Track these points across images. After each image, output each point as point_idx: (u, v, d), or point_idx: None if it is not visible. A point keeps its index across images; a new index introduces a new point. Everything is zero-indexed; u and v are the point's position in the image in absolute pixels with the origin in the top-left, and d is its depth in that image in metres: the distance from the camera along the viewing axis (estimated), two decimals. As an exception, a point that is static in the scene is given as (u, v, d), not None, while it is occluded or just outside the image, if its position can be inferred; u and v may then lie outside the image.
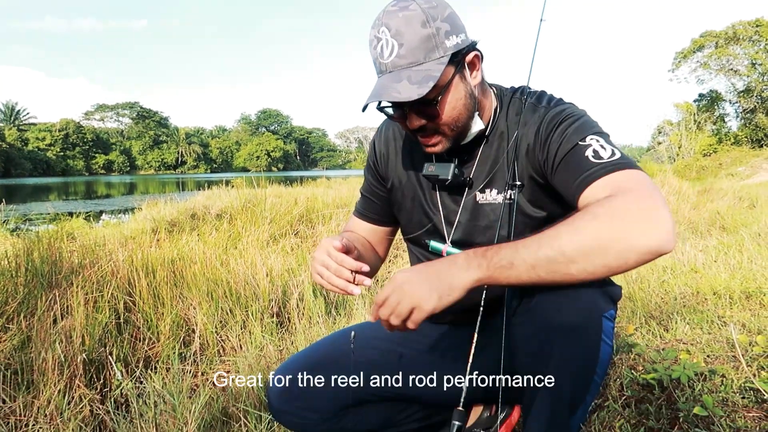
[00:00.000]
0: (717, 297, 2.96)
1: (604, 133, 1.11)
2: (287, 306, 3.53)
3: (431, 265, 0.99)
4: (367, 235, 1.46)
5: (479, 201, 1.24)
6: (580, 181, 1.03)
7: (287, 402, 1.31)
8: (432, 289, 0.95)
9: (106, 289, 3.10)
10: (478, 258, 0.95)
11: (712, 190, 11.02)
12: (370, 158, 1.44)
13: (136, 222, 7.80)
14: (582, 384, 1.03)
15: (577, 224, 0.92)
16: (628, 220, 0.89)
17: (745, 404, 1.47)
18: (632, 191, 0.94)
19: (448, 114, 1.12)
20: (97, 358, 2.70)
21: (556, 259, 0.90)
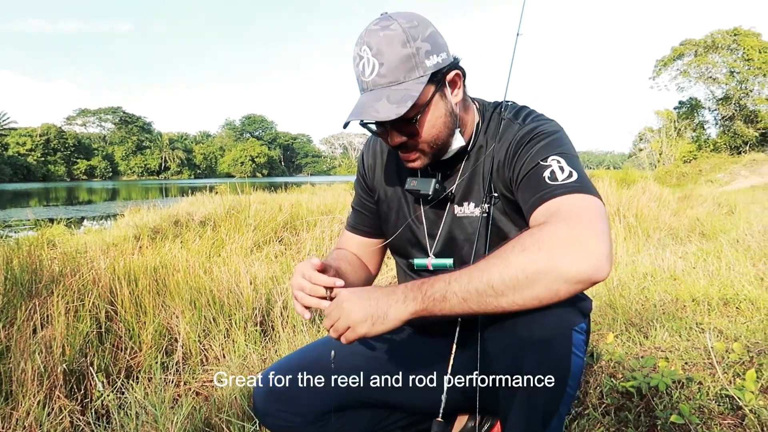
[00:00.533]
0: (696, 304, 3.01)
1: (570, 154, 1.12)
2: (271, 314, 3.51)
3: (374, 291, 1.04)
4: (359, 249, 1.47)
5: (457, 214, 1.26)
6: (531, 202, 1.07)
7: (272, 404, 1.32)
8: (367, 314, 1.00)
9: (88, 297, 3.07)
10: (414, 291, 1.00)
11: (691, 197, 11.18)
12: (359, 171, 1.46)
13: (118, 229, 7.73)
14: (554, 396, 1.05)
15: (505, 257, 0.94)
16: (556, 251, 0.90)
17: (720, 411, 1.50)
18: (569, 218, 0.95)
19: (427, 132, 1.14)
20: (78, 368, 2.67)
21: (485, 292, 0.93)
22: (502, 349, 1.04)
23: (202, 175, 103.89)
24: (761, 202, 10.17)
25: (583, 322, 1.08)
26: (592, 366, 2.00)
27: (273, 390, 1.31)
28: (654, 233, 6.80)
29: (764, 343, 2.07)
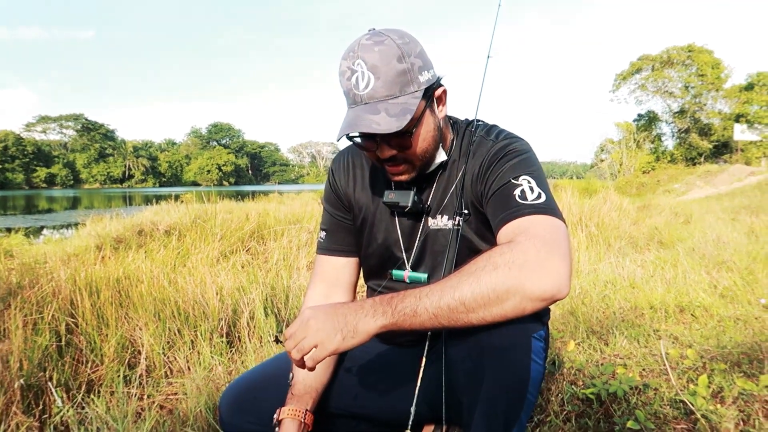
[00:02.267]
0: (653, 311, 3.11)
1: (539, 175, 1.17)
2: (237, 325, 3.48)
3: (340, 307, 1.03)
4: (338, 274, 1.43)
5: (431, 226, 1.29)
6: (501, 217, 1.11)
7: (237, 416, 1.31)
8: (337, 329, 0.99)
9: (47, 310, 2.99)
10: (384, 305, 1.01)
11: (650, 206, 11.51)
12: (331, 188, 1.43)
13: (79, 239, 7.54)
14: (515, 403, 1.08)
15: (478, 275, 0.97)
16: (524, 271, 0.95)
17: (675, 416, 1.55)
18: (536, 239, 1.01)
19: (419, 146, 1.17)
20: (36, 382, 2.60)
21: (456, 308, 0.96)
22: (465, 356, 1.07)
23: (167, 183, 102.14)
24: (715, 212, 10.56)
25: (542, 329, 1.12)
26: (554, 374, 2.05)
27: (238, 402, 1.32)
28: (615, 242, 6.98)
29: (716, 349, 2.16)
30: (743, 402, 1.53)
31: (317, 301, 1.39)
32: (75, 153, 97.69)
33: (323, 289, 1.42)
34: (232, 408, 1.32)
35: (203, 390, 2.35)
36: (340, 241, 1.43)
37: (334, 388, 1.37)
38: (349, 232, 1.42)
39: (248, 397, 1.32)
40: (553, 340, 2.62)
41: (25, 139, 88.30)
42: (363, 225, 1.39)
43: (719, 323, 2.79)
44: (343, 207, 1.42)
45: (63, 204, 31.21)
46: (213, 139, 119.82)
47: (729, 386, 1.62)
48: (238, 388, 1.35)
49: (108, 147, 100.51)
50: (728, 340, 2.31)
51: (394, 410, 1.27)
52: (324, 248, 1.44)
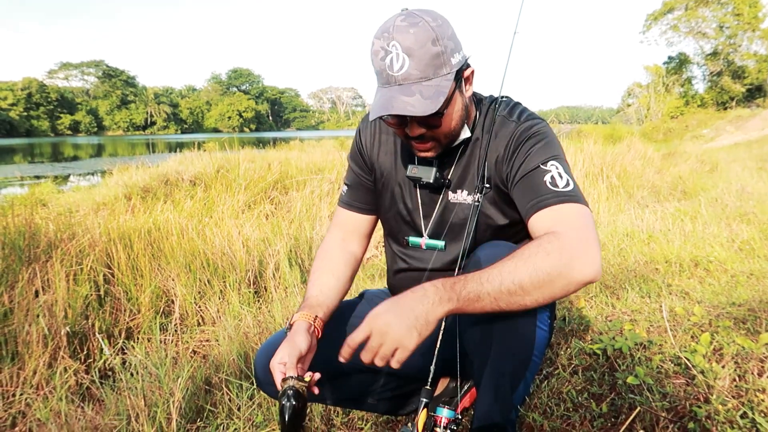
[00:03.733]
0: (668, 265, 3.16)
1: (562, 158, 1.24)
2: (264, 276, 3.64)
3: (405, 302, 1.05)
4: (354, 226, 1.51)
5: (451, 200, 1.36)
6: (534, 203, 1.18)
7: (271, 375, 1.36)
8: (410, 327, 1.04)
9: (85, 262, 3.17)
10: (448, 292, 1.05)
11: (676, 154, 11.33)
12: (356, 145, 1.49)
13: (107, 188, 7.74)
14: (520, 364, 1.19)
15: (532, 261, 1.05)
16: (573, 258, 1.05)
17: (674, 371, 1.65)
18: (575, 228, 1.10)
19: (447, 124, 1.23)
20: (80, 330, 2.80)
21: (515, 292, 1.04)
22: (475, 322, 1.17)
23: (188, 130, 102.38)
24: (742, 160, 10.35)
25: None
26: (564, 329, 2.16)
27: (269, 361, 1.37)
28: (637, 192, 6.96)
29: (725, 305, 2.23)
30: (741, 359, 1.62)
31: (334, 246, 1.49)
32: (97, 100, 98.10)
33: (340, 235, 1.52)
34: (266, 366, 1.36)
35: (234, 338, 2.51)
36: (359, 199, 1.50)
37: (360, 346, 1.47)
38: (369, 192, 1.49)
39: None
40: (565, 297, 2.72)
41: (48, 87, 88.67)
42: (384, 189, 1.46)
43: (732, 278, 2.84)
44: (366, 168, 1.47)
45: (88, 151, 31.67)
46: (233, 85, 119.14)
47: (729, 344, 1.71)
48: (273, 346, 1.41)
49: (129, 94, 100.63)
50: (737, 297, 2.37)
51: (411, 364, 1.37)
52: (344, 202, 1.52)
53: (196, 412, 1.95)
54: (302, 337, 1.26)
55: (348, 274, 1.49)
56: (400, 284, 1.47)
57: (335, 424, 1.77)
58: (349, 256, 1.50)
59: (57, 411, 2.01)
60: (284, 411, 1.12)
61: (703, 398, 1.47)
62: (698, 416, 1.40)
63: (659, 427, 1.41)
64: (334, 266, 1.46)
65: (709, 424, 1.36)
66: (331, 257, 1.48)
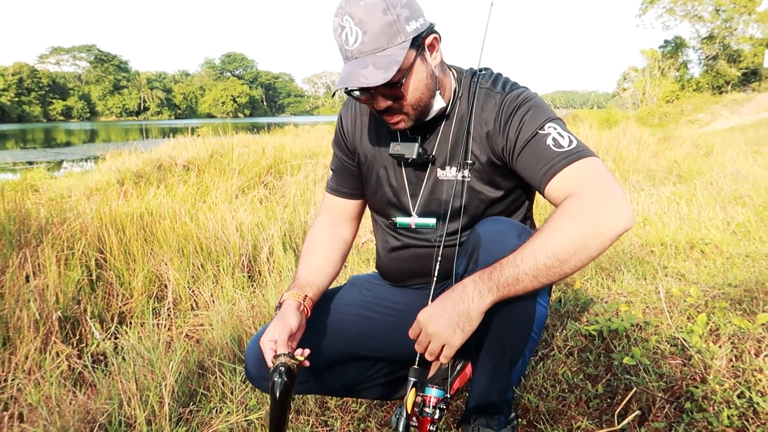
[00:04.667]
0: (664, 248, 3.16)
1: (557, 118, 1.21)
2: (258, 260, 3.62)
3: (448, 301, 1.07)
4: (342, 210, 1.51)
5: (439, 177, 1.33)
6: (545, 170, 1.15)
7: (265, 368, 1.30)
8: (455, 326, 1.05)
9: (77, 246, 3.13)
10: (487, 283, 1.05)
11: (671, 138, 11.32)
12: (338, 131, 1.47)
13: (100, 173, 7.68)
14: (520, 341, 1.17)
15: (561, 229, 1.03)
16: (602, 214, 1.04)
17: (671, 352, 1.64)
18: (593, 183, 1.08)
19: (411, 95, 1.20)
20: (72, 315, 2.77)
21: (552, 265, 1.03)
22: None
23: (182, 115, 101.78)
24: (738, 144, 10.34)
25: None
26: (560, 311, 2.15)
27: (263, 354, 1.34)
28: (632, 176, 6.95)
29: (721, 286, 2.22)
30: (737, 339, 1.61)
31: (323, 229, 1.50)
32: (90, 85, 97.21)
33: (329, 219, 1.52)
34: (258, 362, 1.34)
35: (227, 322, 2.49)
36: (344, 184, 1.50)
37: (350, 333, 1.45)
38: (354, 177, 1.47)
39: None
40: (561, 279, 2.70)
41: (40, 71, 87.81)
42: (369, 172, 1.43)
43: (728, 260, 2.84)
44: (349, 153, 1.46)
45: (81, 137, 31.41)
46: (227, 70, 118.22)
47: (725, 324, 1.70)
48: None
49: (122, 79, 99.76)
50: (733, 278, 2.37)
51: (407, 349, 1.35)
52: (330, 188, 1.53)
53: (189, 395, 1.93)
54: (292, 315, 1.26)
55: (337, 256, 1.49)
56: (396, 263, 1.45)
57: (329, 407, 1.76)
58: (337, 239, 1.51)
59: (48, 395, 1.99)
60: (275, 388, 1.12)
61: (700, 378, 1.46)
62: (695, 396, 1.39)
63: (655, 408, 1.40)
64: (323, 248, 1.46)
65: (706, 404, 1.35)
66: (320, 239, 1.48)
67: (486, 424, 1.25)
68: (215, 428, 1.67)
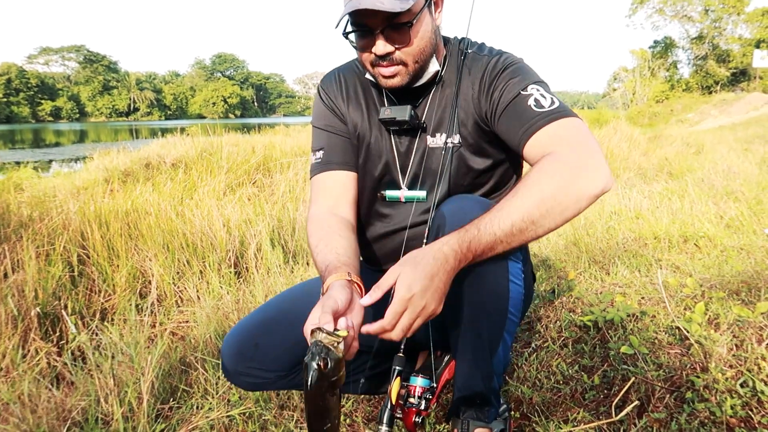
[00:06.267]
0: (657, 241, 3.11)
1: (543, 81, 1.17)
2: (245, 256, 3.54)
3: (428, 270, 0.95)
4: (341, 188, 1.34)
5: (430, 145, 1.27)
6: (524, 130, 1.10)
7: (241, 363, 1.28)
8: (441, 298, 0.97)
9: (58, 242, 3.06)
10: (465, 252, 0.98)
11: (662, 137, 11.35)
12: (324, 103, 1.37)
13: (88, 172, 7.59)
14: (496, 324, 1.11)
15: (538, 188, 0.98)
16: (576, 173, 0.99)
17: (669, 342, 1.59)
18: (572, 142, 1.04)
19: (417, 43, 1.14)
20: (52, 311, 2.69)
21: (527, 228, 0.98)
22: None
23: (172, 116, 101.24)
24: (728, 142, 10.38)
25: (518, 251, 1.11)
26: (553, 302, 2.09)
27: (241, 349, 1.27)
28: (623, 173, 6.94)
29: (717, 277, 2.17)
30: (738, 328, 1.56)
31: (323, 215, 1.29)
32: (79, 86, 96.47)
33: (327, 203, 1.32)
34: (234, 356, 1.27)
35: (212, 318, 2.42)
36: (340, 157, 1.35)
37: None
38: (349, 146, 1.35)
39: (250, 343, 1.27)
40: (554, 270, 2.66)
41: (28, 72, 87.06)
42: (359, 143, 1.35)
43: (722, 253, 2.80)
44: (341, 120, 1.36)
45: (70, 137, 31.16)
46: (217, 71, 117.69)
47: (725, 313, 1.64)
48: (239, 335, 1.30)
49: (112, 79, 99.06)
50: (729, 269, 2.32)
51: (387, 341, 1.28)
52: (324, 163, 1.34)
53: (170, 392, 1.86)
54: (339, 291, 1.02)
55: (353, 237, 1.28)
56: (381, 253, 1.37)
57: (315, 402, 1.69)
58: (344, 222, 1.31)
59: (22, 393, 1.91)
60: (308, 372, 0.86)
61: (701, 367, 1.40)
62: (696, 386, 1.33)
63: (655, 398, 1.34)
64: (336, 229, 1.25)
65: (708, 394, 1.30)
66: (328, 223, 1.27)
67: (476, 416, 1.18)
68: (195, 424, 1.60)
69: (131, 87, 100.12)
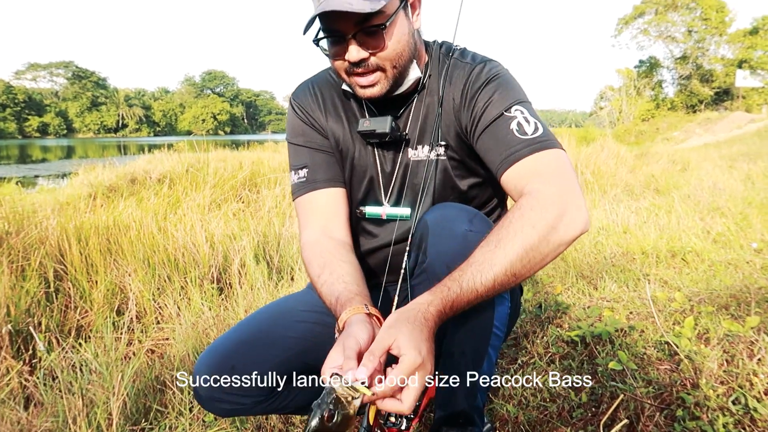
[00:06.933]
0: (645, 256, 3.09)
1: (527, 101, 1.11)
2: (228, 272, 3.47)
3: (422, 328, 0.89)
4: (331, 207, 1.25)
5: (412, 158, 1.21)
6: (505, 157, 1.05)
7: (216, 388, 1.17)
8: (432, 357, 0.90)
9: (34, 256, 2.97)
10: (447, 311, 0.92)
11: (648, 154, 11.42)
12: (301, 117, 1.28)
13: (72, 187, 7.49)
14: (481, 336, 1.06)
15: (521, 239, 0.92)
16: (558, 219, 0.94)
17: (659, 357, 1.54)
18: (553, 180, 0.99)
19: (392, 47, 1.07)
20: (25, 328, 2.60)
21: (508, 281, 0.92)
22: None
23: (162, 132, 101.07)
24: (713, 159, 10.49)
25: None
26: (540, 317, 2.05)
27: (215, 372, 1.16)
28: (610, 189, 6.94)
29: (705, 292, 2.14)
30: (728, 343, 1.52)
31: (318, 239, 1.20)
32: (67, 102, 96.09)
33: (321, 224, 1.23)
34: (208, 381, 1.16)
35: (191, 335, 2.35)
36: (327, 172, 1.26)
37: (308, 342, 1.25)
38: (334, 160, 1.27)
39: (226, 366, 1.17)
40: (542, 285, 2.61)
41: (15, 87, 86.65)
42: (342, 158, 1.27)
43: (710, 267, 2.78)
44: (322, 133, 1.27)
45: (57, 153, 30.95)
46: (207, 87, 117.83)
47: (715, 328, 1.60)
48: (214, 356, 1.19)
49: (100, 96, 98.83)
50: (718, 284, 2.29)
51: None
52: (310, 182, 1.25)
53: (143, 412, 1.78)
54: (359, 327, 0.95)
55: (355, 260, 1.20)
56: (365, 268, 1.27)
57: (294, 423, 1.63)
58: (342, 245, 1.22)
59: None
60: (312, 417, 0.81)
61: (691, 384, 1.36)
62: (687, 403, 1.28)
63: (644, 416, 1.29)
64: (336, 254, 1.17)
65: (699, 411, 1.25)
66: (327, 249, 1.18)
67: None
68: (166, 446, 1.53)
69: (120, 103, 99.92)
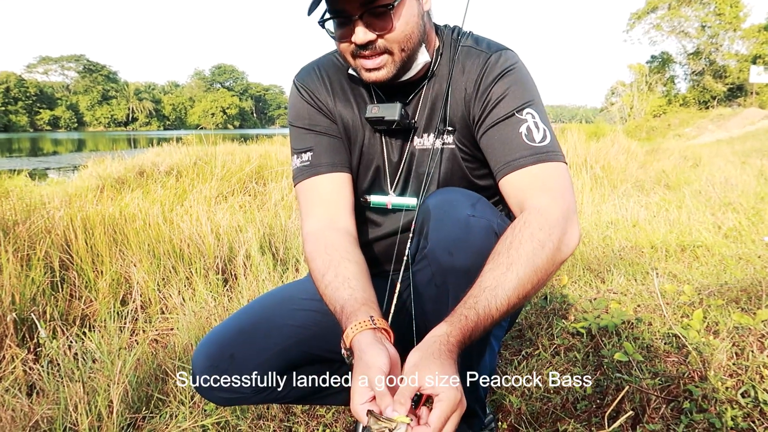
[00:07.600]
0: (654, 250, 3.05)
1: (539, 102, 1.09)
2: (233, 263, 3.47)
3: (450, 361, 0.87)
4: (336, 193, 1.20)
5: (418, 146, 1.17)
6: (509, 160, 1.04)
7: (215, 376, 1.15)
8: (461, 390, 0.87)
9: (39, 246, 2.98)
10: (466, 340, 0.90)
11: (659, 150, 11.32)
12: (307, 99, 1.22)
13: (81, 179, 7.54)
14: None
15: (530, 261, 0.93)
16: (561, 239, 0.96)
17: (666, 349, 1.51)
18: (555, 195, 1.00)
19: (401, 28, 1.03)
20: (30, 316, 2.61)
21: (518, 302, 0.92)
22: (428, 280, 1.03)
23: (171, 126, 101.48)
24: (725, 155, 10.37)
25: None
26: (545, 308, 2.02)
27: (214, 361, 1.15)
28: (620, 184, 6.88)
29: (715, 285, 2.11)
30: (738, 336, 1.48)
31: (322, 231, 1.15)
32: (78, 95, 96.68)
33: (325, 214, 1.17)
34: (207, 369, 1.14)
35: (194, 324, 2.34)
36: (332, 156, 1.19)
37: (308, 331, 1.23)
38: (341, 144, 1.21)
39: (225, 354, 1.15)
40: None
41: (27, 81, 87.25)
42: (351, 144, 1.22)
43: (720, 261, 2.73)
44: (328, 118, 1.21)
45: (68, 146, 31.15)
46: (217, 81, 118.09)
47: (724, 321, 1.57)
48: (212, 344, 1.17)
49: (111, 89, 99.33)
50: (728, 277, 2.25)
51: None
52: (313, 166, 1.18)
53: (145, 401, 1.78)
54: (375, 352, 0.91)
55: (361, 256, 1.14)
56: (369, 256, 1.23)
57: (294, 412, 1.61)
58: (348, 237, 1.16)
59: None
60: None
61: (699, 376, 1.33)
62: (694, 395, 1.25)
63: (650, 408, 1.26)
64: (342, 251, 1.11)
65: (707, 404, 1.22)
66: (331, 243, 1.12)
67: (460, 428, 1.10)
68: (166, 434, 1.52)
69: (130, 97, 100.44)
